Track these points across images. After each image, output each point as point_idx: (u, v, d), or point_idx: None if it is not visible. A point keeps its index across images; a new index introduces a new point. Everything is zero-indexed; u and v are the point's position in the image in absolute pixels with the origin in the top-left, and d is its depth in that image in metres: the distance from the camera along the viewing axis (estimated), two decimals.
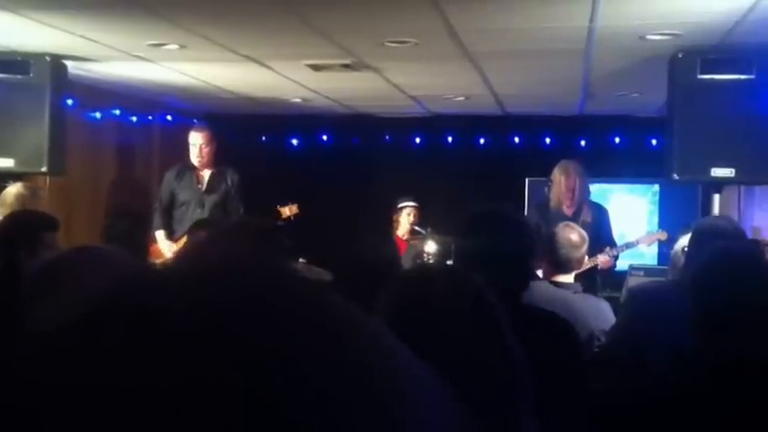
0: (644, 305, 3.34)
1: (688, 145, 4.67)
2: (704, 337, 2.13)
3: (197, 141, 6.10)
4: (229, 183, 6.14)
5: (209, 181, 6.15)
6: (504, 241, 2.45)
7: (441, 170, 8.24)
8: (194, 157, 6.12)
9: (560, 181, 5.41)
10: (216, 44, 4.86)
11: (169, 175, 6.25)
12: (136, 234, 3.92)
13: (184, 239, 5.55)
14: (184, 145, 6.15)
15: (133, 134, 6.92)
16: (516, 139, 8.22)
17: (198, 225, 4.49)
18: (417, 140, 8.45)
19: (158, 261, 5.08)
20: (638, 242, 5.58)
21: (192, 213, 5.99)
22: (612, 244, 5.47)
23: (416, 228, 6.67)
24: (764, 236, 4.40)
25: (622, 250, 5.43)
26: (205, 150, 6.09)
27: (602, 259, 5.06)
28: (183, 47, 4.95)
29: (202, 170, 6.15)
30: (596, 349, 3.53)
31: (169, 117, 7.40)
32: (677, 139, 4.72)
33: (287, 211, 6.21)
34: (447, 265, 1.66)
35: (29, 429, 0.38)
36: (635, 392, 2.25)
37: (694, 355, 2.12)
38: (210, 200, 6.06)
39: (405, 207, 6.80)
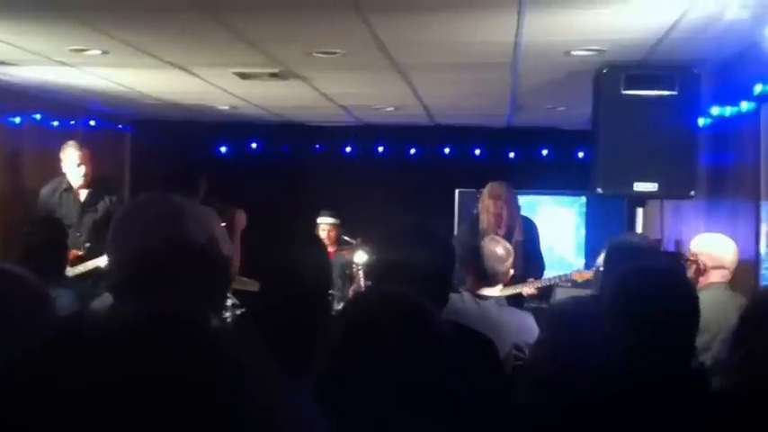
0: (565, 320, 3.36)
1: (612, 159, 4.74)
2: (623, 355, 2.14)
3: (77, 161, 5.80)
4: (107, 201, 5.87)
5: (86, 199, 5.88)
6: (424, 257, 2.43)
7: (371, 180, 8.23)
8: (75, 178, 5.82)
9: (488, 206, 5.33)
10: (139, 50, 4.74)
11: (45, 193, 5.91)
12: (54, 246, 3.78)
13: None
14: (66, 159, 5.85)
15: (54, 139, 6.72)
16: (446, 150, 8.26)
17: None
18: (348, 149, 8.43)
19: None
20: (570, 276, 5.53)
21: (72, 232, 5.56)
22: (540, 258, 5.48)
23: (346, 238, 6.62)
24: (685, 250, 4.47)
25: (554, 282, 5.30)
26: (86, 170, 5.81)
27: (527, 290, 5.01)
28: (105, 52, 4.82)
29: (79, 189, 5.88)
30: (519, 362, 3.53)
31: (92, 122, 7.21)
32: (601, 153, 4.78)
33: None
34: (391, 289, 1.69)
35: None
36: (559, 408, 2.25)
37: (616, 372, 2.13)
38: (89, 218, 5.80)
39: (320, 223, 6.81)
